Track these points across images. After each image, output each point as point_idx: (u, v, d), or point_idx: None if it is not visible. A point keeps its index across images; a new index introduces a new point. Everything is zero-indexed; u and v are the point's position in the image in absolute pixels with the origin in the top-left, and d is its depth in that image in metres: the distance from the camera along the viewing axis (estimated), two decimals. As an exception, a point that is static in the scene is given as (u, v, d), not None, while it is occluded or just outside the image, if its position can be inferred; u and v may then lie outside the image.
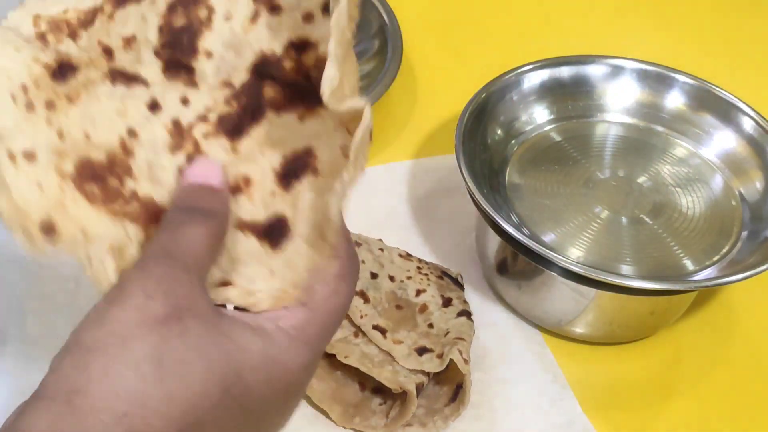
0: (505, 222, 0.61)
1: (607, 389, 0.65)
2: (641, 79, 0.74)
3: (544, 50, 0.76)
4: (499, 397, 0.62)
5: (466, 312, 0.62)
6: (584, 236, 0.65)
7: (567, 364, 0.65)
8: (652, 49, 0.87)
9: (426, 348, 0.59)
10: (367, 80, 0.80)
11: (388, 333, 0.59)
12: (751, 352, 0.68)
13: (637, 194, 0.68)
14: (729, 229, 0.67)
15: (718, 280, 0.62)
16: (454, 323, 0.61)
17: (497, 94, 0.71)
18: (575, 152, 0.71)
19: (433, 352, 0.59)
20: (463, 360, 0.58)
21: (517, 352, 0.65)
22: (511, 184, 0.68)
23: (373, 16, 0.84)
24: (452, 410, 0.59)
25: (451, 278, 0.65)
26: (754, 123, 0.71)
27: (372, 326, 0.60)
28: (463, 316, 0.62)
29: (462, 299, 0.64)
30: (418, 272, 0.64)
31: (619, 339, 0.67)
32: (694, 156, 0.72)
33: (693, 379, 0.66)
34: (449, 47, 0.89)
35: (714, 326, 0.69)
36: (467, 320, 0.62)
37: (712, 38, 0.94)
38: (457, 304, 0.63)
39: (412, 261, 0.65)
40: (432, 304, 0.62)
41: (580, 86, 0.74)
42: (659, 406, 0.64)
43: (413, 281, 0.64)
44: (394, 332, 0.60)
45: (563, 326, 0.65)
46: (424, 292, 0.63)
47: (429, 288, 0.63)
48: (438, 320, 0.61)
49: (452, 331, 0.60)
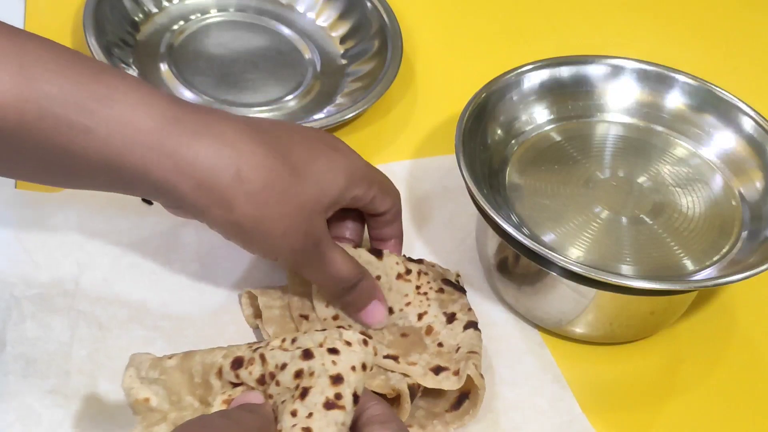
0: (505, 222, 0.61)
1: (606, 389, 0.65)
2: (641, 79, 0.74)
3: (544, 50, 0.76)
4: (498, 398, 0.62)
5: (472, 323, 0.62)
6: (584, 236, 0.65)
7: (567, 364, 0.65)
8: (652, 49, 0.88)
9: (441, 367, 0.59)
10: (367, 80, 0.80)
11: (400, 358, 0.59)
12: (750, 352, 0.68)
13: (637, 194, 0.68)
14: (729, 229, 0.67)
15: (718, 280, 0.62)
16: (463, 337, 0.61)
17: (497, 94, 0.71)
18: (575, 152, 0.71)
19: (449, 370, 0.58)
20: (479, 375, 0.58)
21: (517, 352, 0.65)
22: (511, 184, 0.68)
23: (373, 16, 0.84)
24: (455, 417, 0.59)
25: (452, 284, 0.64)
26: (754, 123, 0.71)
27: (383, 356, 0.59)
28: (470, 328, 0.61)
29: (466, 307, 0.63)
30: (417, 293, 0.63)
31: (619, 339, 0.67)
32: (694, 156, 0.72)
33: (693, 379, 0.66)
34: (449, 47, 0.89)
35: (714, 326, 0.69)
36: (474, 331, 0.61)
37: (712, 38, 0.94)
38: (462, 317, 0.62)
39: (410, 281, 0.64)
40: (437, 324, 0.62)
41: (580, 86, 0.74)
42: (659, 406, 0.64)
43: (412, 306, 0.63)
44: (405, 357, 0.59)
45: (563, 326, 0.65)
46: (425, 314, 0.62)
47: (430, 308, 0.63)
48: (446, 338, 0.61)
49: (463, 346, 0.60)
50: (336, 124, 0.75)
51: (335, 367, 0.49)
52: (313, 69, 0.82)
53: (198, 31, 0.83)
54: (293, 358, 0.50)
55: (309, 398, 0.48)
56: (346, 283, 0.59)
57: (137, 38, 0.81)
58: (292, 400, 0.48)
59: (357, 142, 0.66)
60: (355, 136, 0.75)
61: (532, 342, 0.66)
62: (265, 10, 0.86)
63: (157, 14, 0.84)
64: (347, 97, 0.79)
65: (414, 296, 0.63)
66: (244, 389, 0.51)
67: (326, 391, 0.48)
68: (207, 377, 0.51)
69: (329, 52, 0.84)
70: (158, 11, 0.84)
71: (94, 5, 0.78)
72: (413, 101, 0.82)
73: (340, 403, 0.48)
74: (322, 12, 0.86)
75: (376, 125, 0.79)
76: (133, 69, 0.78)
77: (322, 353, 0.49)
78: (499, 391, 0.62)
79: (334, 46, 0.85)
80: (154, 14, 0.83)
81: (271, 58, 0.82)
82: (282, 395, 0.49)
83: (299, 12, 0.86)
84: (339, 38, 0.85)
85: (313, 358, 0.49)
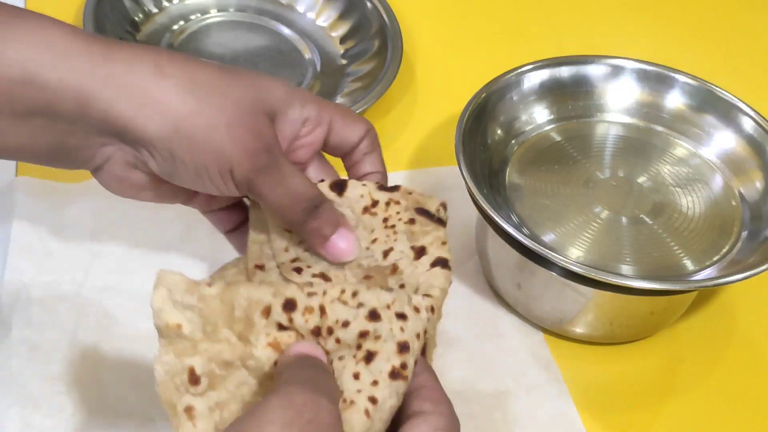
0: (505, 222, 0.61)
1: (606, 389, 0.65)
2: (641, 79, 0.74)
3: (544, 50, 0.76)
4: (497, 398, 0.62)
5: (441, 260, 0.53)
6: (584, 236, 0.65)
7: (566, 363, 0.65)
8: (652, 49, 0.88)
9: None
10: (367, 80, 0.80)
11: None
12: (750, 352, 0.68)
13: (637, 194, 0.68)
14: (729, 229, 0.67)
15: (718, 280, 0.62)
16: (426, 277, 0.53)
17: (497, 94, 0.71)
18: (575, 152, 0.71)
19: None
20: (427, 309, 0.51)
21: (517, 352, 0.65)
22: (511, 184, 0.68)
23: (373, 16, 0.84)
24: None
25: (426, 213, 0.56)
26: (754, 123, 0.71)
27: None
28: (437, 265, 0.53)
29: (439, 241, 0.55)
30: (384, 226, 0.56)
31: (619, 339, 0.67)
32: (694, 156, 0.72)
33: (693, 379, 0.66)
34: (449, 47, 0.89)
35: (714, 326, 0.69)
36: (441, 269, 0.53)
37: (712, 38, 0.94)
38: (433, 251, 0.54)
39: (376, 213, 0.56)
40: (402, 261, 0.54)
41: (580, 86, 0.74)
42: (659, 406, 0.64)
43: (379, 242, 0.55)
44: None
45: (563, 326, 0.65)
46: (392, 250, 0.54)
47: (396, 243, 0.55)
48: (409, 277, 0.53)
49: (421, 289, 0.52)
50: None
51: (402, 334, 0.46)
52: (313, 69, 0.82)
53: (198, 31, 0.83)
54: (357, 317, 0.47)
55: (374, 364, 0.46)
56: (307, 203, 0.51)
57: (137, 38, 0.81)
58: (354, 362, 0.46)
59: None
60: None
61: (532, 342, 0.66)
62: (265, 10, 0.86)
63: (157, 14, 0.84)
64: (347, 97, 0.79)
65: (381, 230, 0.55)
66: (292, 335, 0.47)
67: (392, 359, 0.46)
68: (251, 313, 0.47)
69: (329, 52, 0.84)
70: (158, 11, 0.84)
71: (94, 5, 0.79)
72: (413, 101, 0.82)
73: (404, 373, 0.46)
74: (322, 12, 0.86)
75: (376, 125, 0.78)
76: (133, 69, 0.78)
77: (390, 317, 0.47)
78: (497, 391, 0.62)
79: (334, 46, 0.85)
80: (154, 14, 0.84)
81: (271, 58, 0.83)
82: (339, 351, 0.47)
83: (299, 12, 0.87)
84: (339, 38, 0.85)
85: (381, 320, 0.46)
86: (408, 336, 0.46)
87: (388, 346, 0.46)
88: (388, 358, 0.46)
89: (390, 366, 0.46)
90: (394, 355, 0.46)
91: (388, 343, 0.46)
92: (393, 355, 0.46)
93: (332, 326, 0.47)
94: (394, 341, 0.46)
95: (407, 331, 0.47)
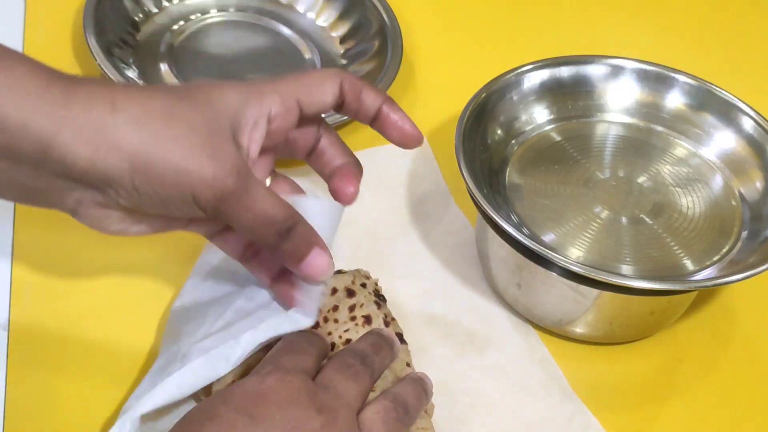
0: (505, 222, 0.61)
1: (606, 389, 0.65)
2: (641, 79, 0.74)
3: (544, 50, 0.76)
4: (497, 398, 0.62)
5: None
6: (584, 236, 0.65)
7: (566, 364, 0.65)
8: (652, 49, 0.88)
9: None
10: (367, 80, 0.80)
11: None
12: (750, 353, 0.68)
13: (637, 194, 0.68)
14: (729, 229, 0.67)
15: (718, 280, 0.62)
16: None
17: (497, 94, 0.71)
18: (575, 152, 0.71)
19: None
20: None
21: (516, 352, 0.65)
22: (511, 184, 0.68)
23: (373, 16, 0.84)
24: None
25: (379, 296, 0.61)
26: (754, 123, 0.71)
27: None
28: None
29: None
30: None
31: (619, 339, 0.67)
32: (694, 156, 0.72)
33: (693, 379, 0.66)
34: (449, 47, 0.89)
35: (714, 326, 0.69)
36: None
37: (712, 38, 0.94)
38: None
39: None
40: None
41: (580, 86, 0.74)
42: (659, 406, 0.64)
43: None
44: None
45: (563, 326, 0.65)
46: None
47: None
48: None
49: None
50: (336, 124, 0.75)
51: None
52: (313, 69, 0.82)
53: (198, 31, 0.83)
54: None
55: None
56: (279, 225, 0.51)
57: (137, 38, 0.81)
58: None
59: (357, 143, 0.67)
60: (355, 136, 0.75)
61: (531, 342, 0.66)
62: (265, 10, 0.86)
63: (157, 14, 0.84)
64: (347, 97, 0.79)
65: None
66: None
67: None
68: None
69: (329, 52, 0.84)
70: (158, 11, 0.84)
71: (94, 5, 0.79)
72: (413, 101, 0.82)
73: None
74: (322, 12, 0.86)
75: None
76: (133, 69, 0.78)
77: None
78: (498, 390, 0.62)
79: (334, 46, 0.85)
80: (154, 14, 0.84)
81: (271, 58, 0.82)
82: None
83: (299, 12, 0.87)
84: (339, 38, 0.85)
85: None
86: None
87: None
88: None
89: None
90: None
91: None
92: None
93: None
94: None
95: None
